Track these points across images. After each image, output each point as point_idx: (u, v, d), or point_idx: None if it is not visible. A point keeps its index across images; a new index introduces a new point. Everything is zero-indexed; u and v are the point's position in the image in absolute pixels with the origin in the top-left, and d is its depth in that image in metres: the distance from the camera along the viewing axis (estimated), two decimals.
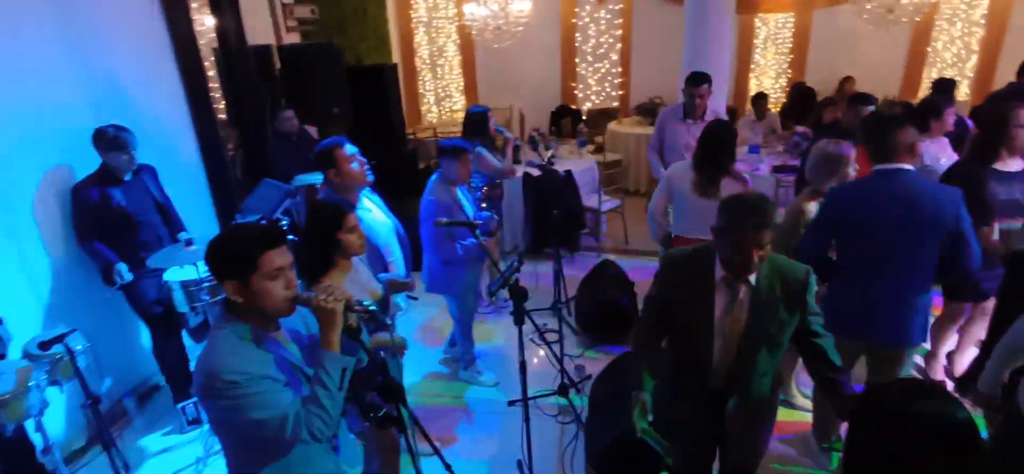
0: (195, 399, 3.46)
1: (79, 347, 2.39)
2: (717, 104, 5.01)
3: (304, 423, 1.47)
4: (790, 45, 8.71)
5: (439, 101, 8.83)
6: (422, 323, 4.56)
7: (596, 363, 3.74)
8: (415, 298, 4.61)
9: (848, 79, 7.42)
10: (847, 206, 2.36)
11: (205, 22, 4.61)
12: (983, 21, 7.87)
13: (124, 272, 3.10)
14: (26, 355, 2.44)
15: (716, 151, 3.04)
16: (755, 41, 8.75)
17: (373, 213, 2.80)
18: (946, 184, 2.41)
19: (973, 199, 2.33)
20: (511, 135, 4.20)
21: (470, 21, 6.16)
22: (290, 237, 2.13)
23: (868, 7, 6.43)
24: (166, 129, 3.89)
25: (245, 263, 1.45)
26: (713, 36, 5.28)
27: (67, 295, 3.23)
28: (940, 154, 3.47)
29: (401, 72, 7.95)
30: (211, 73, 4.62)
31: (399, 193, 3.36)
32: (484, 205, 3.89)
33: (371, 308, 1.61)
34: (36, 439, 2.58)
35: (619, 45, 8.63)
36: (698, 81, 4.03)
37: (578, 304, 4.27)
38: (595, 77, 8.83)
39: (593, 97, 8.91)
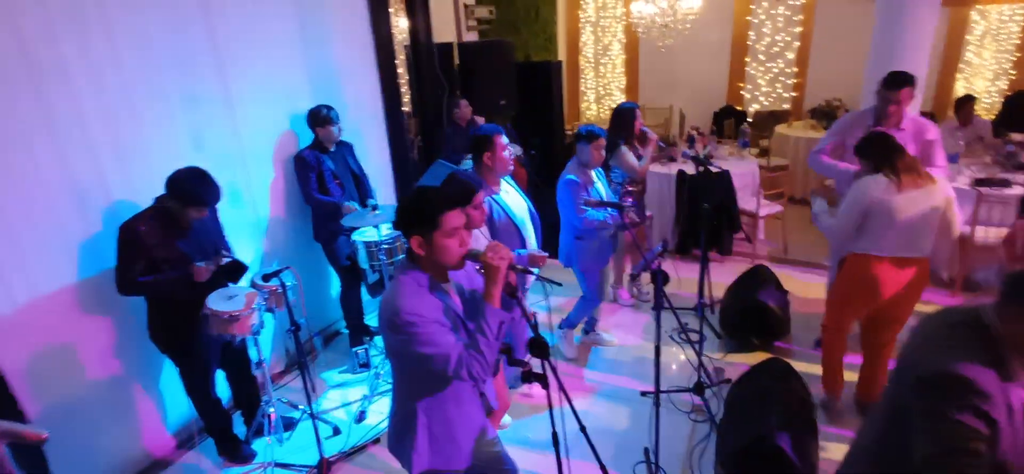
0: (367, 346, 4.05)
1: (290, 282, 2.96)
2: (913, 109, 4.47)
3: (464, 364, 1.71)
4: (1017, 41, 7.42)
5: (599, 99, 8.96)
6: (552, 309, 4.75)
7: (736, 369, 3.66)
8: (558, 283, 4.87)
9: None
10: None
11: (399, 23, 5.26)
12: None
13: (355, 205, 3.75)
14: (253, 284, 3.09)
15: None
16: (968, 37, 7.59)
17: (510, 195, 3.09)
18: None
19: None
20: (654, 136, 4.21)
21: (637, 19, 6.21)
22: None
23: None
24: (363, 114, 4.55)
25: (430, 221, 1.74)
26: (909, 32, 4.73)
27: (284, 245, 3.98)
28: None
29: (566, 69, 8.22)
30: (401, 68, 5.28)
31: (553, 181, 3.61)
32: (629, 205, 3.98)
33: (530, 269, 1.84)
34: (252, 353, 3.26)
35: (796, 43, 8.04)
36: (899, 83, 3.32)
37: (724, 306, 4.17)
38: (766, 77, 8.32)
39: (762, 98, 8.41)
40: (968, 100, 5.81)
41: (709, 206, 3.43)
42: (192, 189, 2.68)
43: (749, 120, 7.93)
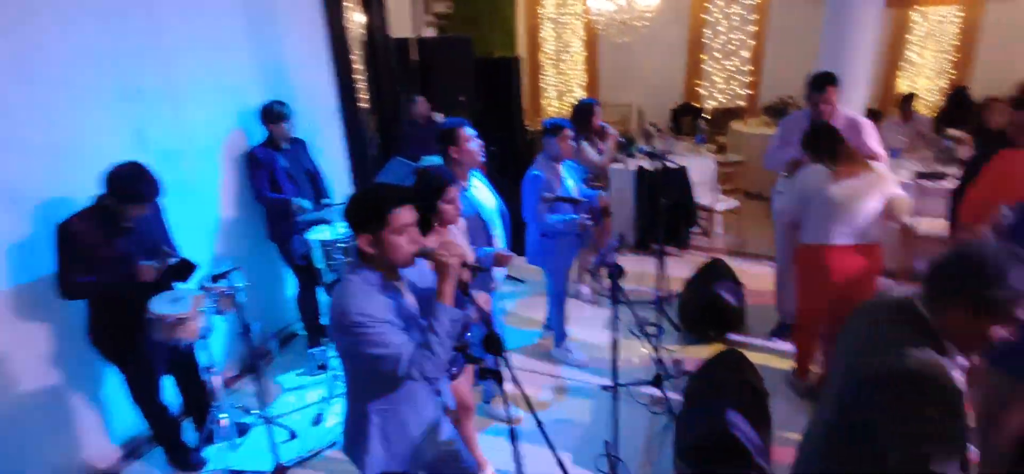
0: (324, 347, 3.97)
1: (240, 284, 2.86)
2: (856, 106, 4.64)
3: (415, 363, 1.68)
4: (955, 42, 7.78)
5: (560, 96, 8.99)
6: (518, 306, 4.77)
7: (694, 361, 3.72)
8: (521, 281, 4.90)
9: None
10: None
11: (356, 18, 5.15)
12: None
13: (304, 204, 3.65)
14: (201, 286, 2.98)
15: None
16: (909, 37, 7.92)
17: (480, 191, 3.05)
18: None
19: None
20: (614, 131, 4.26)
21: (595, 15, 6.25)
22: None
23: None
24: (318, 110, 4.45)
25: (378, 218, 1.70)
26: (855, 32, 4.90)
27: (236, 245, 3.85)
28: None
29: (526, 66, 8.21)
30: (358, 64, 5.17)
31: (515, 178, 3.59)
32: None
33: (482, 265, 1.82)
34: (202, 358, 3.14)
35: (751, 42, 8.24)
36: (822, 84, 3.53)
37: (682, 300, 4.24)
38: (722, 75, 8.50)
39: (718, 95, 8.59)
40: (909, 98, 6.07)
41: (666, 201, 3.48)
42: (130, 185, 2.57)
43: (706, 117, 8.08)
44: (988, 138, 4.23)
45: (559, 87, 8.99)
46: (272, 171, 3.69)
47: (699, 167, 5.57)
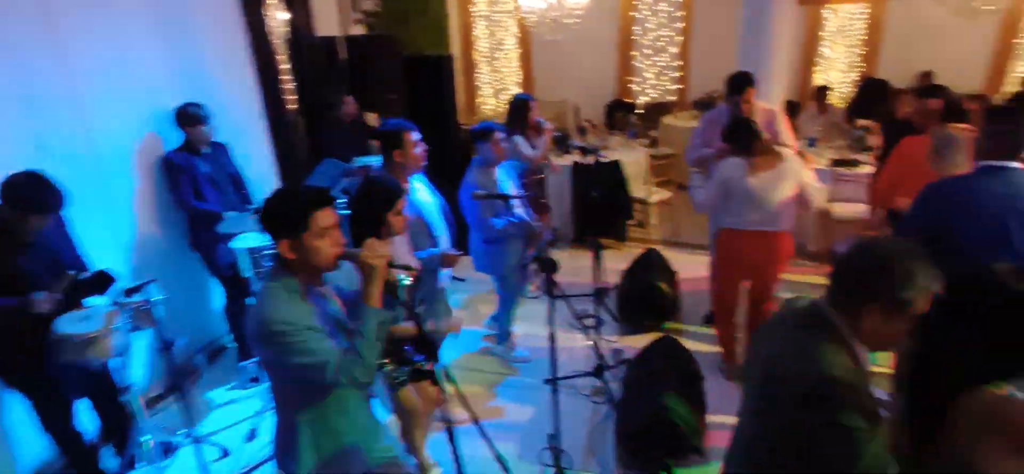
0: (257, 359, 3.80)
1: (157, 297, 2.69)
2: (774, 99, 4.88)
3: (343, 370, 1.62)
4: (863, 37, 8.31)
5: (496, 94, 9.00)
6: (463, 303, 4.74)
7: (634, 349, 3.80)
8: (462, 279, 4.86)
9: (926, 74, 7.06)
10: None
11: (278, 16, 4.96)
12: None
13: (233, 218, 3.45)
14: (113, 302, 2.78)
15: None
16: (822, 33, 8.40)
17: (420, 192, 2.99)
18: None
19: None
20: (549, 125, 4.29)
21: (527, 13, 6.28)
22: (346, 213, 2.32)
23: None
24: (241, 112, 4.25)
25: (297, 222, 1.63)
26: (771, 28, 5.15)
27: (153, 258, 3.61)
28: None
29: (460, 64, 8.16)
30: (284, 64, 4.97)
31: (452, 179, 3.54)
32: (529, 197, 4.01)
33: (410, 266, 1.77)
34: (120, 378, 2.94)
35: (679, 38, 8.51)
36: (741, 86, 3.65)
37: (619, 291, 4.32)
38: (653, 71, 8.74)
39: (650, 91, 8.83)
40: (823, 90, 6.44)
41: (597, 194, 3.54)
42: (29, 194, 2.38)
43: (638, 112, 8.29)
44: (895, 126, 4.54)
45: (494, 85, 8.99)
46: (193, 177, 3.50)
47: (632, 161, 5.70)
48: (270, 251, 3.27)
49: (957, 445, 1.36)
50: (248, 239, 3.37)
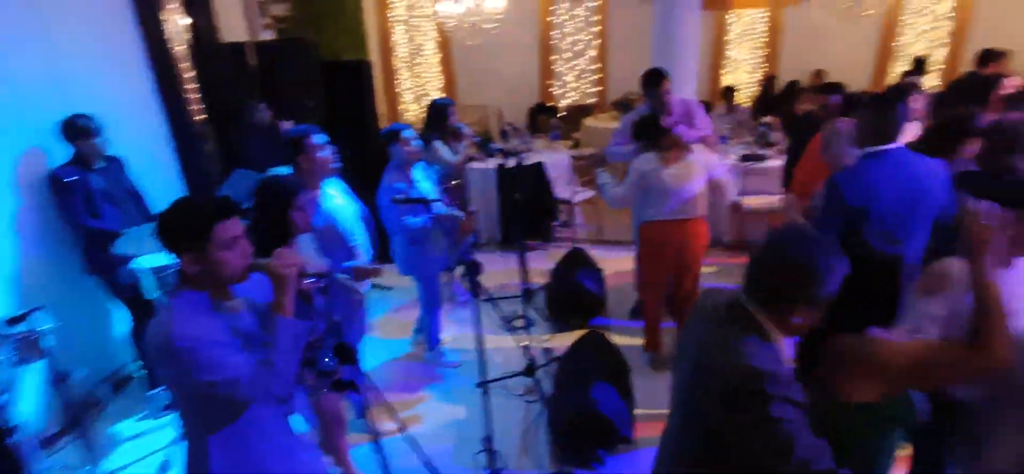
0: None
1: (46, 326, 2.46)
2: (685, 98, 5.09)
3: (257, 384, 1.54)
4: (764, 40, 8.88)
5: (418, 100, 8.91)
6: (388, 314, 4.65)
7: (564, 347, 3.85)
8: (388, 288, 4.76)
9: (818, 73, 7.64)
10: None
11: (179, 22, 4.68)
12: (953, 14, 8.05)
13: (133, 236, 3.18)
14: None
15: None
16: (727, 37, 8.91)
17: (336, 199, 2.90)
18: None
19: None
20: (468, 130, 4.29)
21: (444, 18, 6.26)
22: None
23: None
24: (139, 124, 3.96)
25: (199, 234, 1.54)
26: (681, 31, 5.41)
27: (43, 284, 3.30)
28: None
29: (380, 70, 8.02)
30: (189, 72, 4.69)
31: (374, 186, 3.45)
32: (450, 201, 3.99)
33: (325, 273, 1.71)
34: (2, 419, 2.65)
35: (596, 41, 8.77)
36: (656, 81, 3.77)
37: (547, 290, 4.38)
38: (573, 74, 8.96)
39: (571, 94, 9.04)
40: (729, 90, 6.82)
41: (520, 196, 3.57)
42: None
43: (561, 114, 8.46)
44: (795, 122, 4.87)
45: (416, 91, 8.90)
46: (87, 194, 3.22)
47: (555, 162, 5.79)
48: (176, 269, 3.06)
49: (826, 381, 1.47)
50: (152, 258, 3.14)
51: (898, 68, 8.11)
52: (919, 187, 2.29)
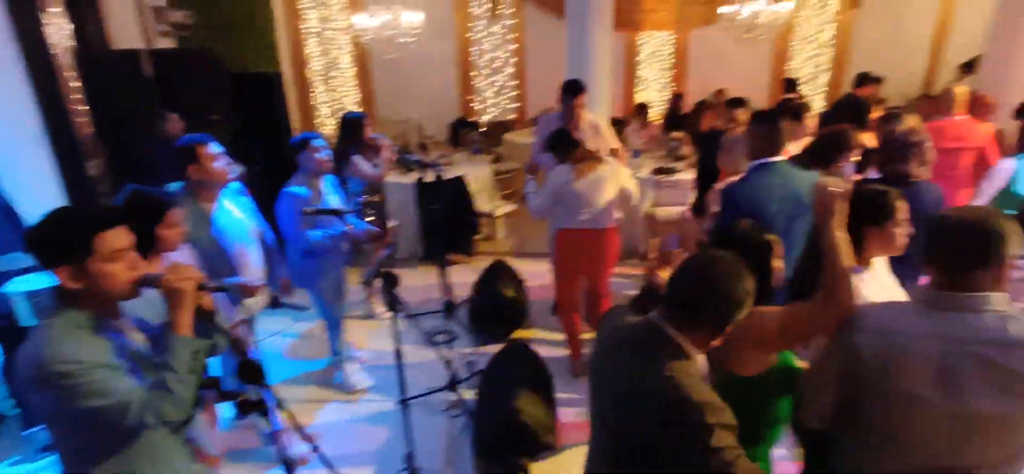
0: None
1: None
2: (600, 115, 5.25)
3: (150, 408, 1.41)
4: (672, 60, 9.39)
5: (334, 114, 8.66)
6: (302, 333, 4.46)
7: (487, 360, 3.82)
8: (302, 308, 4.55)
9: (720, 91, 8.15)
10: None
11: (62, 27, 4.28)
12: (833, 42, 8.88)
13: (6, 258, 2.84)
14: None
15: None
16: (638, 58, 9.34)
17: (232, 214, 2.74)
18: None
19: None
20: (388, 141, 4.22)
21: (360, 31, 6.14)
22: None
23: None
24: (13, 137, 3.57)
25: (78, 247, 1.40)
26: (593, 51, 5.59)
27: None
28: None
29: (293, 83, 7.73)
30: (74, 81, 4.28)
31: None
32: (369, 216, 3.90)
33: (227, 286, 1.59)
34: None
35: (514, 58, 8.92)
36: (576, 90, 3.94)
37: (470, 303, 4.35)
38: (492, 90, 9.05)
39: (491, 109, 9.12)
40: (643, 107, 7.14)
41: (438, 209, 3.54)
42: None
43: (482, 129, 8.51)
44: (702, 137, 5.14)
45: (332, 104, 8.65)
46: None
47: (476, 176, 5.80)
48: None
49: (719, 354, 1.55)
50: (27, 281, 2.83)
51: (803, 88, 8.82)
52: (798, 196, 2.48)
